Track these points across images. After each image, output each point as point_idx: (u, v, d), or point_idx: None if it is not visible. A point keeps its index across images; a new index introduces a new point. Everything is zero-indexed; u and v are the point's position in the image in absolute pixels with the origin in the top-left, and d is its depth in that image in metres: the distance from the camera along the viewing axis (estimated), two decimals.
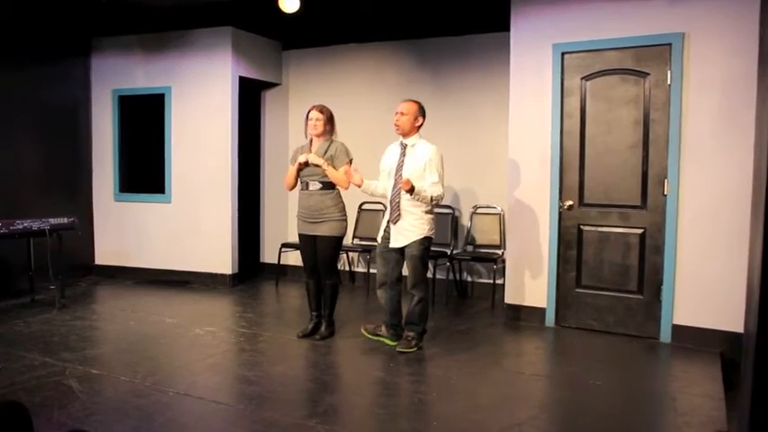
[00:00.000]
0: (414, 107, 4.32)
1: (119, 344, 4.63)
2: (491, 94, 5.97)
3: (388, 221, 4.37)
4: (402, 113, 4.31)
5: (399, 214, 4.26)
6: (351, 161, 4.48)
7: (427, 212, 4.28)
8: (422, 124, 4.35)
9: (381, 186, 4.46)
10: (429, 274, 6.17)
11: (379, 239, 4.50)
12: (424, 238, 4.29)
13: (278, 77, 7.17)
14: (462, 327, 5.13)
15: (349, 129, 5.06)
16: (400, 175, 4.25)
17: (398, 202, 4.27)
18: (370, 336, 4.47)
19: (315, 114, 4.50)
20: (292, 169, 4.55)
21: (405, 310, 4.44)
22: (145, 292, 6.32)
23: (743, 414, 2.49)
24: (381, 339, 4.42)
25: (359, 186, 4.38)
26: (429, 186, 4.19)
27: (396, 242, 4.32)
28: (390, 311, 4.43)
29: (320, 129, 4.49)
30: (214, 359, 4.21)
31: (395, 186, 4.30)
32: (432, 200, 4.19)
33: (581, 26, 4.86)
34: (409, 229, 4.25)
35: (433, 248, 6.07)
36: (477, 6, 5.69)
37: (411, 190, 4.07)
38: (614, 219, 4.81)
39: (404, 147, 4.33)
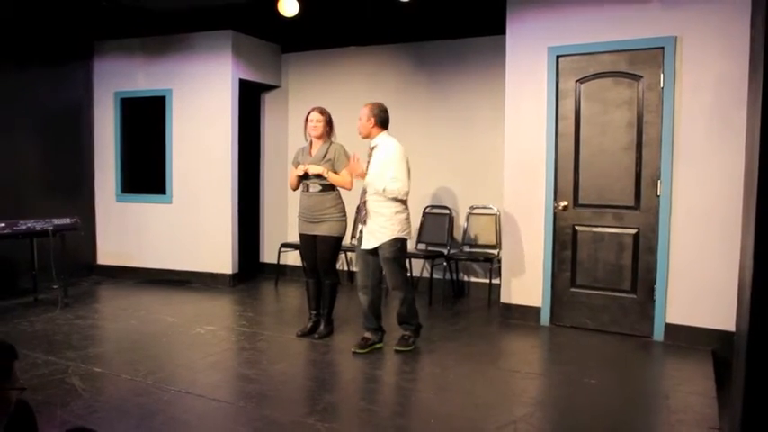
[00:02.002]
0: (365, 110, 4.35)
1: (120, 342, 4.69)
2: (487, 97, 6.03)
3: (361, 223, 4.38)
4: (359, 119, 4.36)
5: (366, 213, 4.26)
6: None
7: (398, 213, 4.23)
8: (375, 123, 4.31)
9: None
10: (426, 274, 6.28)
11: (355, 241, 4.52)
12: (395, 239, 4.23)
13: (277, 80, 7.23)
14: (459, 326, 5.19)
15: (348, 131, 5.11)
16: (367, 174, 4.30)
17: (365, 201, 4.29)
18: (364, 351, 4.31)
19: (315, 116, 4.56)
20: (295, 172, 4.61)
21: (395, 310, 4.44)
22: (146, 292, 6.38)
23: (735, 411, 2.52)
24: (374, 347, 4.39)
25: (363, 178, 4.30)
26: (388, 182, 4.16)
27: (367, 243, 4.30)
28: (373, 314, 4.41)
29: (320, 131, 4.55)
30: (214, 357, 4.26)
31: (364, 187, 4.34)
32: (385, 191, 4.14)
33: (576, 30, 4.92)
34: (379, 230, 4.23)
35: (430, 249, 6.20)
36: (474, 10, 5.75)
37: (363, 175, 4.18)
38: (608, 219, 4.87)
39: (371, 149, 4.38)
